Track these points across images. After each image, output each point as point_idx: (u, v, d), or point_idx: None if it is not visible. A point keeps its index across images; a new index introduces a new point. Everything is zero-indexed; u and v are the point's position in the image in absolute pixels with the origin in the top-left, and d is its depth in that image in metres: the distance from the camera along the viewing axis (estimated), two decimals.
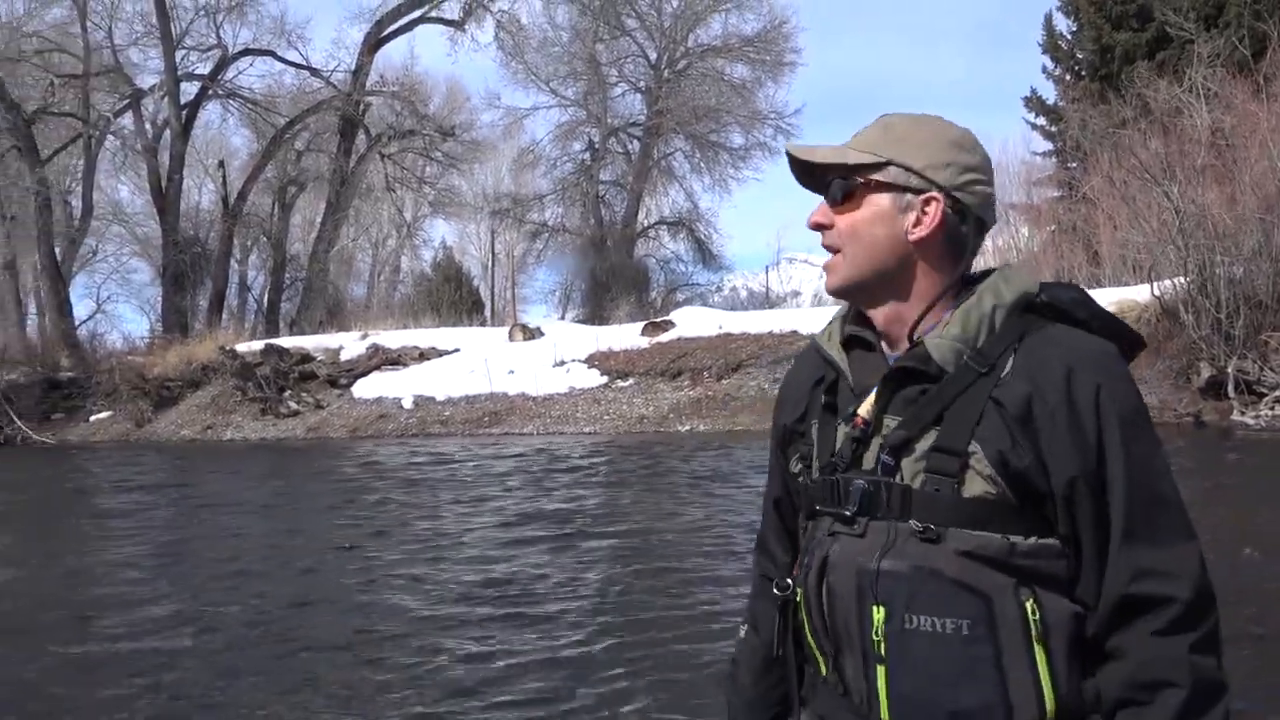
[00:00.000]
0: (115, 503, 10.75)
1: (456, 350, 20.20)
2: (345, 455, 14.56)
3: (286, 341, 22.20)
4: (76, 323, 27.31)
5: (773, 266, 39.71)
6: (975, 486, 1.17)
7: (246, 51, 27.90)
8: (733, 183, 31.47)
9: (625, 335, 19.50)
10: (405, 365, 20.07)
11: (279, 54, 28.07)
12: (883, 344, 1.31)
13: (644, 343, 18.93)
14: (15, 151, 24.90)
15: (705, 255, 32.30)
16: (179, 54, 26.73)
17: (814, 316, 18.50)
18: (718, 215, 37.48)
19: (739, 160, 31.38)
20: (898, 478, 1.21)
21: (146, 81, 27.94)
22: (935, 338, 1.23)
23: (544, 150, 32.37)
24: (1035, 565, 1.17)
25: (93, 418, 20.83)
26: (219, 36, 27.51)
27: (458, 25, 27.99)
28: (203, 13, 27.00)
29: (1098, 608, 1.17)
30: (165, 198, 26.68)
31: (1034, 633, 1.14)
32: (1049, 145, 27.88)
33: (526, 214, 33.02)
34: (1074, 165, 25.76)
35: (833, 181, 1.28)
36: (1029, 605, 1.15)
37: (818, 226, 1.30)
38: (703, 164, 31.54)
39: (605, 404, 17.25)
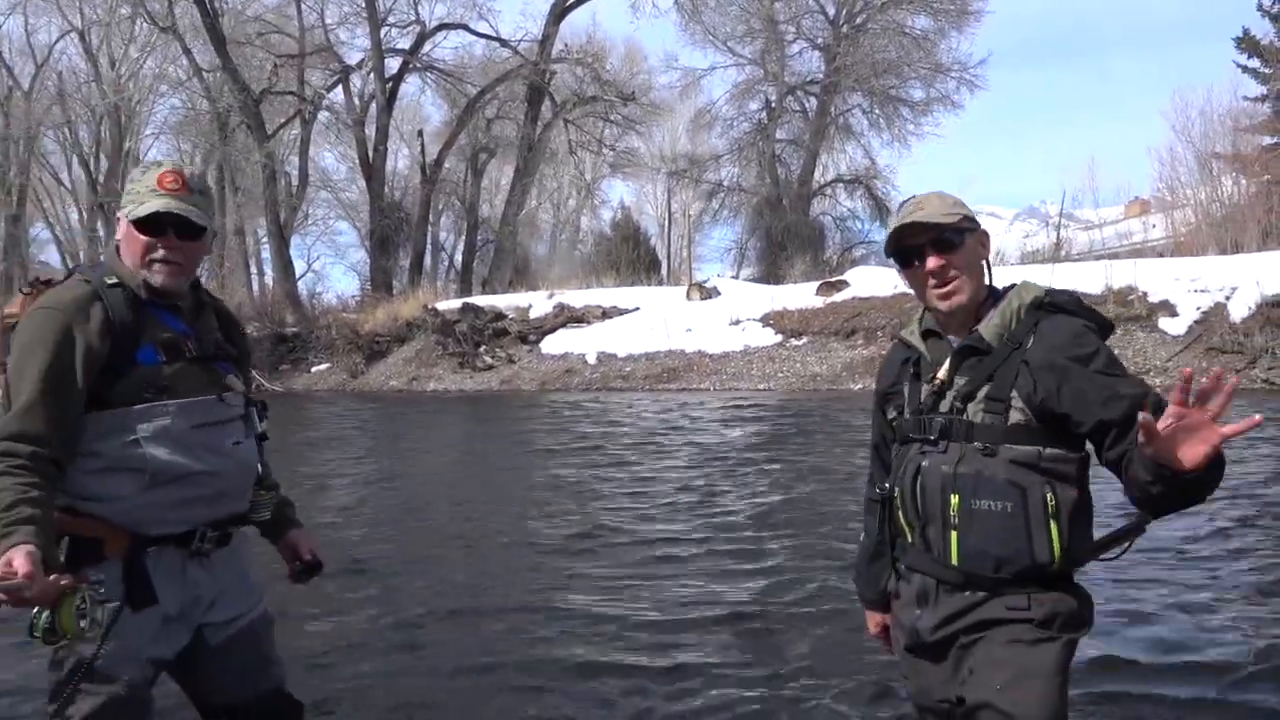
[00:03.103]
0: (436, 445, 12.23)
1: (637, 309, 21.19)
2: (579, 411, 15.73)
3: (481, 300, 23.86)
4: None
5: None
6: (1015, 417, 1.94)
7: (442, 26, 29.61)
8: (912, 138, 30.99)
9: (799, 294, 19.90)
10: (589, 323, 21.23)
11: (471, 26, 29.70)
12: (949, 335, 2.10)
13: (818, 302, 19.28)
14: (245, 129, 27.57)
15: (883, 213, 31.92)
16: (382, 31, 28.65)
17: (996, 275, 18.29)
18: (896, 172, 36.84)
19: (920, 115, 30.84)
20: (965, 416, 1.99)
21: (353, 58, 30.19)
22: (985, 326, 2.03)
23: (720, 110, 32.82)
24: (1054, 467, 1.94)
25: (314, 369, 23.15)
26: (418, 13, 29.35)
27: None
28: None
29: (1111, 438, 1.87)
30: (371, 167, 28.84)
31: (1050, 511, 1.92)
32: (1261, 90, 25.92)
33: (703, 174, 33.59)
34: None
35: (946, 234, 2.04)
36: (1048, 494, 1.92)
37: (938, 269, 2.04)
38: (882, 120, 31.16)
39: (779, 362, 17.78)
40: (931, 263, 2.03)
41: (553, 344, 20.75)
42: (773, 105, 31.54)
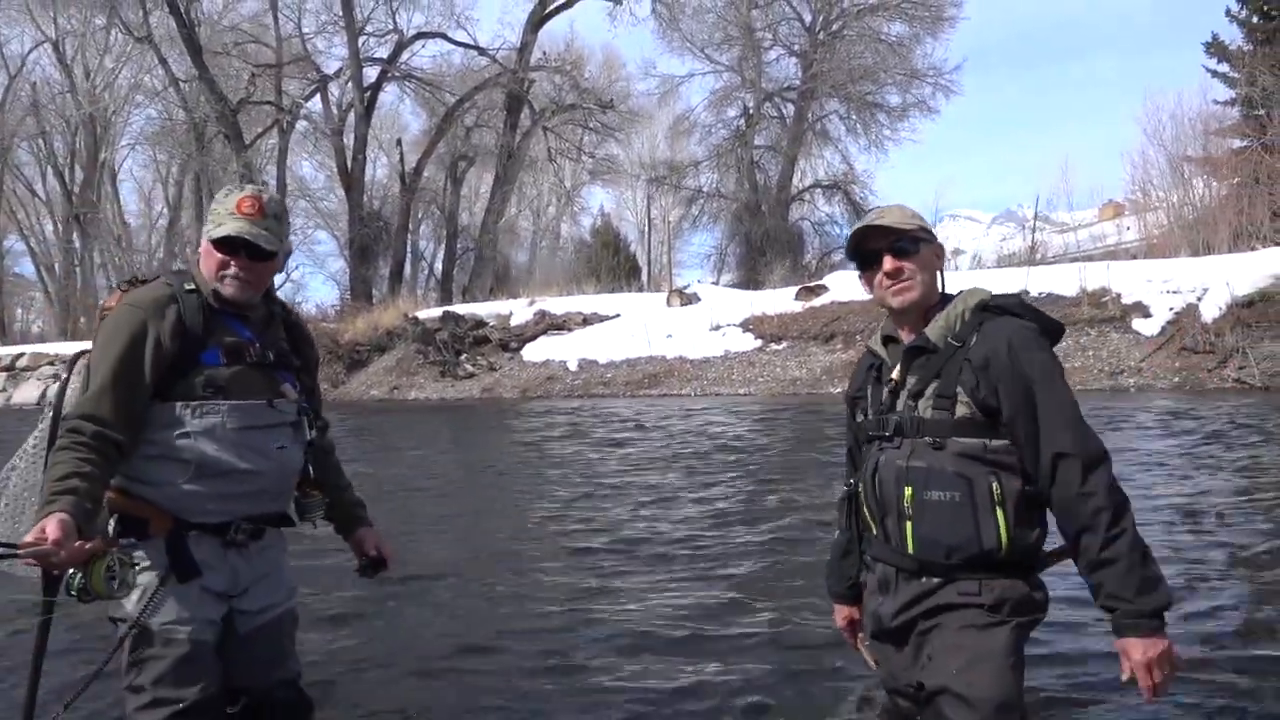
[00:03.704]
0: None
1: (617, 315, 21.26)
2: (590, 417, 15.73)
3: (461, 308, 23.86)
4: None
5: (934, 225, 38.97)
6: (961, 411, 2.07)
7: (420, 35, 29.68)
8: (889, 144, 31.22)
9: (779, 299, 20.04)
10: (570, 330, 21.29)
11: (449, 35, 29.76)
12: (904, 337, 2.24)
13: (797, 307, 19.42)
14: (222, 138, 27.49)
15: (861, 217, 31.99)
16: (360, 40, 28.66)
17: (968, 279, 18.48)
18: (874, 177, 37.04)
19: (896, 120, 31.10)
20: (916, 412, 2.13)
21: (331, 67, 30.24)
22: (931, 328, 2.16)
23: (699, 117, 32.98)
24: (999, 458, 2.06)
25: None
26: (395, 21, 29.42)
27: (616, 0, 28.85)
28: (382, 0, 28.89)
29: (1040, 476, 2.03)
30: (350, 176, 28.82)
31: (996, 500, 2.05)
32: (1230, 94, 26.31)
33: (682, 180, 33.73)
34: (1261, 113, 24.36)
35: (903, 240, 2.21)
36: (994, 484, 2.05)
37: (894, 272, 2.20)
38: (859, 125, 31.38)
39: (759, 366, 17.89)
40: (888, 264, 2.19)
41: (534, 351, 20.79)
42: (750, 112, 31.73)
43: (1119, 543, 1.96)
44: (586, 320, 21.54)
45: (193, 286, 2.42)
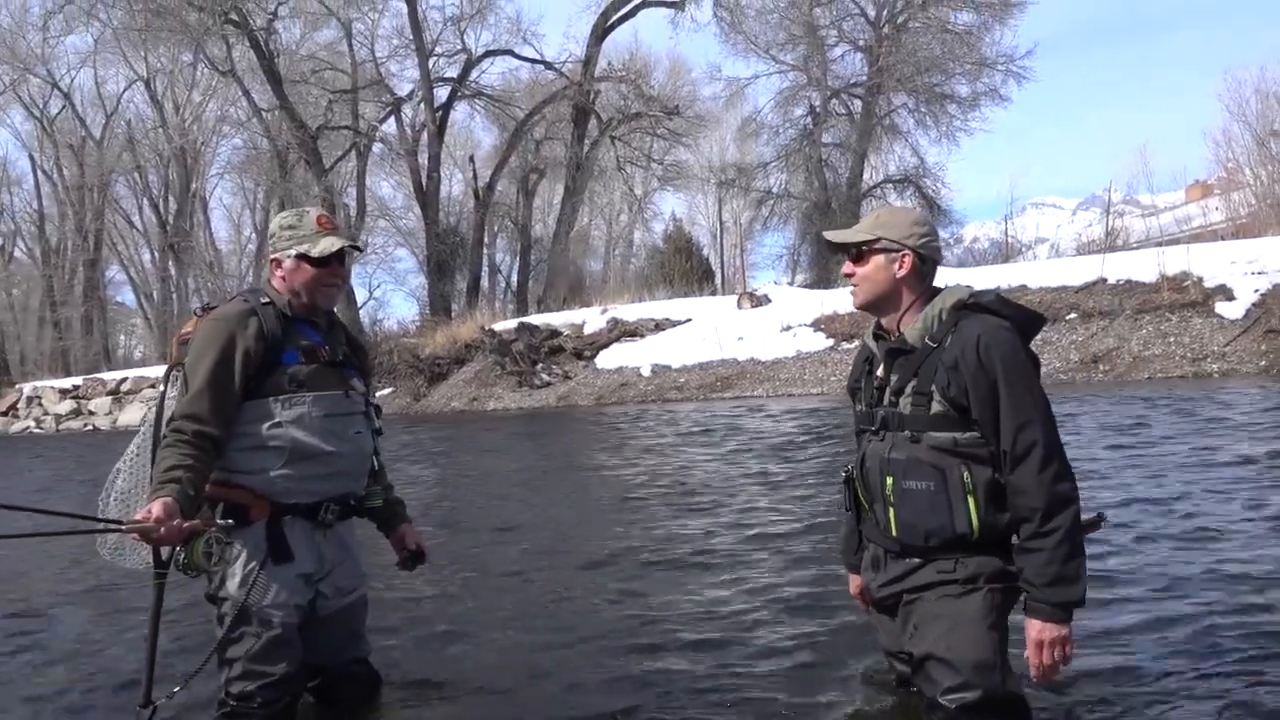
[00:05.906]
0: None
1: (689, 320, 21.44)
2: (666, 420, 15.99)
3: (536, 319, 24.32)
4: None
5: (1016, 215, 38.30)
6: (936, 408, 2.25)
7: (488, 53, 30.33)
8: (961, 134, 30.71)
9: (850, 298, 19.92)
10: (642, 336, 21.53)
11: (516, 52, 30.34)
12: (890, 335, 2.42)
13: None
14: (303, 164, 28.52)
15: (934, 211, 31.69)
16: (430, 61, 29.43)
17: (1044, 270, 18.16)
18: (946, 169, 36.47)
19: (967, 110, 30.56)
20: (898, 408, 2.32)
21: (404, 89, 31.08)
22: (909, 329, 2.35)
23: (766, 118, 32.90)
24: (970, 450, 2.27)
25: (377, 394, 23.73)
26: (464, 42, 30.10)
27: (678, 6, 29.07)
28: (450, 22, 29.67)
29: (1005, 465, 2.23)
30: (425, 194, 29.59)
31: (967, 488, 2.26)
32: None
33: (752, 182, 33.75)
34: None
35: (852, 249, 2.46)
36: (965, 473, 2.26)
37: (849, 275, 2.49)
38: (928, 118, 30.94)
39: (831, 366, 17.85)
40: (846, 267, 2.50)
41: (607, 358, 21.08)
42: (817, 110, 31.59)
43: (1045, 539, 2.15)
44: (658, 326, 21.76)
45: (267, 300, 2.76)
